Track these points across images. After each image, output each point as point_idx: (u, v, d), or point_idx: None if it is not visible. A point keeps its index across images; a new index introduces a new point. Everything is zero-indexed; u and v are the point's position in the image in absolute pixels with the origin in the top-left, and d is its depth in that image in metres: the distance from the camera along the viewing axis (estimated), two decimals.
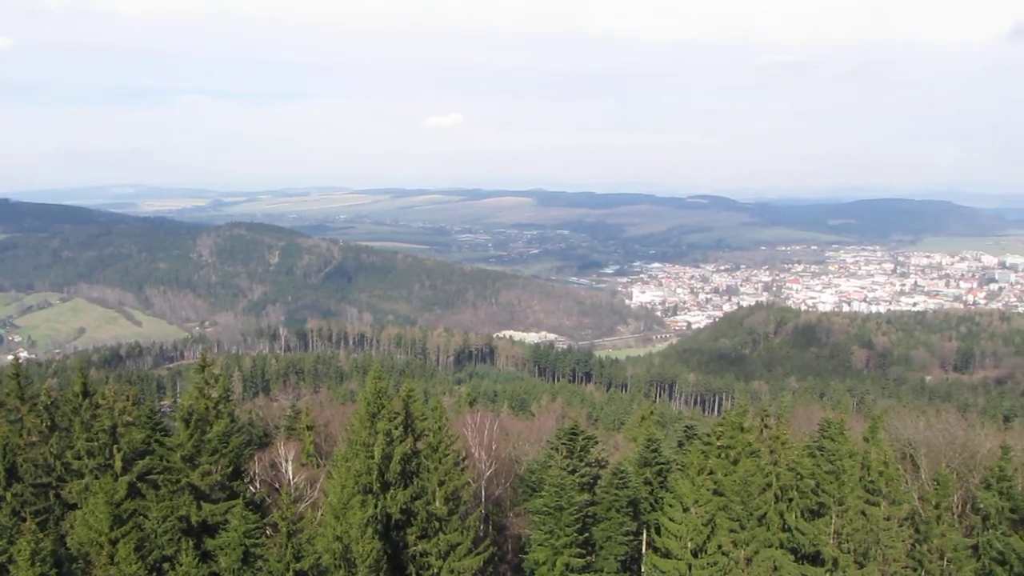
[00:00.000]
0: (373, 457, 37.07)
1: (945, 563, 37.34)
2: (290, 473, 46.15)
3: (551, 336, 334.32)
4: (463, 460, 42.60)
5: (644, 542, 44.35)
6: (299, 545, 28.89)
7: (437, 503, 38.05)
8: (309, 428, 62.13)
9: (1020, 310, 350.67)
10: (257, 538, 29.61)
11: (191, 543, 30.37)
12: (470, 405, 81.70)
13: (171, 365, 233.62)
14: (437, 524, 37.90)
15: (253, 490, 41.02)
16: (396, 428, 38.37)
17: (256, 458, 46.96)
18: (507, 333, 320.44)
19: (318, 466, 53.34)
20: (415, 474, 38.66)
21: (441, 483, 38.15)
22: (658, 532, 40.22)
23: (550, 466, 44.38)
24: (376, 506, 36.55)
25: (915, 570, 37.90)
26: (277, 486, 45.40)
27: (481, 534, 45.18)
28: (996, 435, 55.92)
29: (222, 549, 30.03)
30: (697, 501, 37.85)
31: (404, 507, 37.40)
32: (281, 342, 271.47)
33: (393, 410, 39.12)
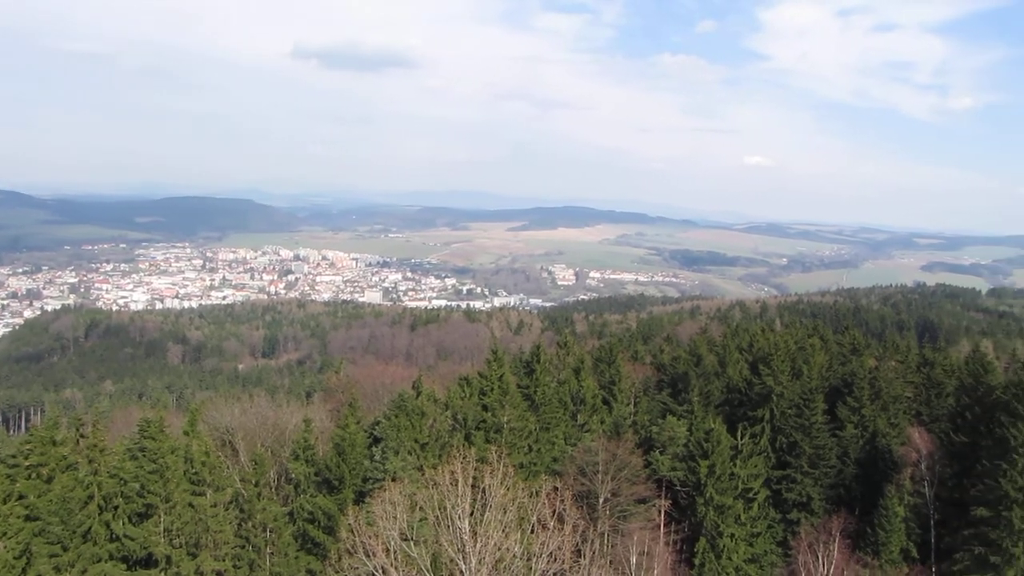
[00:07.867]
0: None
1: (268, 533, 40.89)
2: None
3: None
4: None
5: None
6: None
7: None
8: None
9: (313, 297, 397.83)
10: None
11: None
12: None
13: None
14: None
15: None
16: None
17: None
18: None
19: None
20: None
21: None
22: None
23: None
24: None
25: (243, 547, 40.65)
26: None
27: None
28: (301, 411, 63.17)
29: None
30: (6, 533, 34.21)
31: None
32: None
33: None
